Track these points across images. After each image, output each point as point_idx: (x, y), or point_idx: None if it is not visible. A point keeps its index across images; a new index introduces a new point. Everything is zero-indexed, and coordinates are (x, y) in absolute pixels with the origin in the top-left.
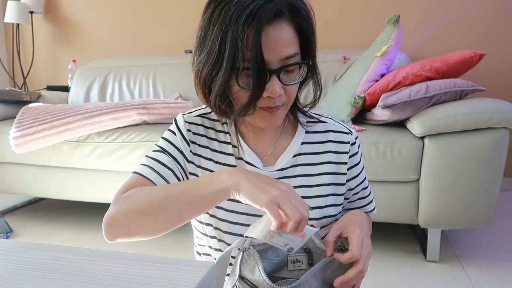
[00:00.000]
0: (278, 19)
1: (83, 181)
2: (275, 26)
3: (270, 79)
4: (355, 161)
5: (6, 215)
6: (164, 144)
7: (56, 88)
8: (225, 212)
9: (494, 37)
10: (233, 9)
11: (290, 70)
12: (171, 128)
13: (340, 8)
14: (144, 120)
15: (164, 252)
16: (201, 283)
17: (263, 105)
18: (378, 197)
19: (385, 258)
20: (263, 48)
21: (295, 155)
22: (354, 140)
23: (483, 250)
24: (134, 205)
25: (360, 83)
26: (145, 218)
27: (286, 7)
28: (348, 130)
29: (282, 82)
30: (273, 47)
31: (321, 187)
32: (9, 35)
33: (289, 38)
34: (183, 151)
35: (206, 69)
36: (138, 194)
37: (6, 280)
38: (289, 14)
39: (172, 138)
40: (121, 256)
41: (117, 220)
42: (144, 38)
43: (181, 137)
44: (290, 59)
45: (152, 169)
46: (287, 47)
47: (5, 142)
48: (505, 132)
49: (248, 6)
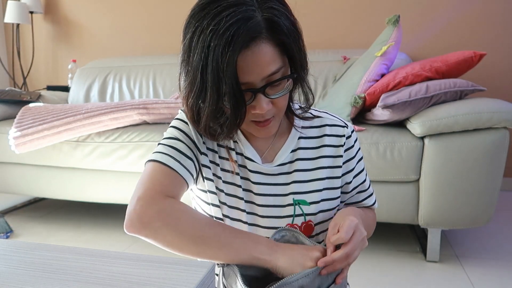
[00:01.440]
0: (255, 41)
1: (83, 181)
2: (253, 49)
3: (255, 97)
4: (351, 154)
5: (6, 215)
6: (177, 133)
7: (56, 88)
8: (227, 208)
9: (494, 37)
10: (209, 37)
11: (275, 84)
12: (180, 117)
13: (340, 8)
14: (144, 120)
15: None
16: (201, 283)
17: (253, 119)
18: (378, 197)
19: (385, 258)
20: (244, 72)
21: (293, 150)
22: (350, 133)
23: (483, 250)
24: (176, 223)
25: (360, 83)
26: (180, 240)
27: (264, 25)
28: (344, 123)
29: (269, 97)
30: (254, 70)
31: (317, 182)
32: (9, 35)
33: (270, 56)
34: (196, 142)
35: (191, 98)
36: (184, 214)
37: (6, 280)
38: (267, 33)
39: (184, 127)
40: (121, 256)
41: (152, 224)
42: (144, 38)
43: (193, 128)
44: (274, 75)
45: (173, 158)
46: (268, 65)
47: (5, 142)
48: (505, 132)
49: (223, 34)
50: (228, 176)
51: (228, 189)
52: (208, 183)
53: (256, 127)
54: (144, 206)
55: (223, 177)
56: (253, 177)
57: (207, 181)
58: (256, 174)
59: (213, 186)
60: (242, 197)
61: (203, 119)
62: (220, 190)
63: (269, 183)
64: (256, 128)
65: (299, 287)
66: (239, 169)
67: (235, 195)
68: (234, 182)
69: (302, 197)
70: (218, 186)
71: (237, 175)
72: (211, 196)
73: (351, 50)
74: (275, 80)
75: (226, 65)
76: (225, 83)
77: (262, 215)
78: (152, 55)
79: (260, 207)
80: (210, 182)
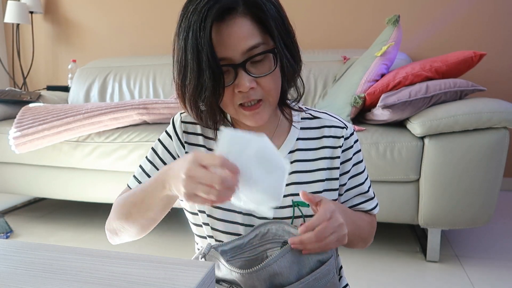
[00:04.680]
0: (231, 14)
1: (83, 181)
2: (227, 22)
3: (237, 75)
4: (348, 155)
5: (6, 215)
6: (160, 149)
7: (56, 88)
8: (222, 212)
9: (494, 37)
10: (190, 18)
11: (257, 60)
12: (168, 131)
13: (340, 8)
14: (144, 120)
15: (164, 252)
16: (201, 283)
17: (240, 102)
18: (378, 197)
19: (385, 258)
20: (220, 45)
21: (291, 151)
22: (349, 134)
23: (483, 250)
24: (112, 214)
25: (360, 83)
26: (122, 223)
27: (241, 1)
28: (344, 124)
29: (251, 75)
30: (229, 43)
31: (316, 184)
32: (9, 35)
33: (246, 30)
34: (178, 155)
35: (178, 80)
36: (116, 203)
37: (6, 280)
38: (243, 6)
39: (167, 142)
40: (121, 256)
41: (108, 227)
42: (144, 38)
43: (177, 140)
44: (254, 50)
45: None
46: (245, 39)
47: (5, 142)
48: (505, 132)
49: (201, 11)
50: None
51: None
52: None
53: (244, 112)
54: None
55: None
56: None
57: None
58: None
59: None
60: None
61: (187, 98)
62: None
63: None
64: (244, 114)
65: (273, 272)
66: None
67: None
68: None
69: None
70: None
71: None
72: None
73: (351, 50)
74: (254, 55)
75: (202, 39)
76: (204, 58)
77: (259, 217)
78: (152, 55)
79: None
80: None
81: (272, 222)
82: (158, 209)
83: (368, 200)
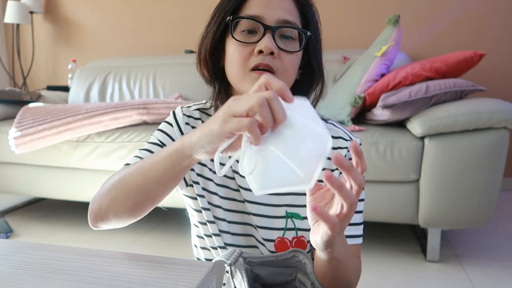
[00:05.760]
0: None
1: (83, 181)
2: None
3: (264, 35)
4: None
5: (6, 215)
6: (160, 136)
7: (56, 88)
8: (223, 211)
9: (494, 37)
10: None
11: (287, 36)
12: (168, 120)
13: (340, 8)
14: (144, 120)
15: (164, 252)
16: (201, 283)
17: (255, 63)
18: (378, 197)
19: (385, 258)
20: (261, 4)
21: None
22: None
23: (483, 250)
24: (104, 187)
25: (360, 83)
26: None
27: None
28: (349, 137)
29: (277, 44)
30: (271, 5)
31: None
32: (9, 35)
33: (288, 7)
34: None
35: (202, 38)
36: (108, 180)
37: (6, 280)
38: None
39: (168, 129)
40: (121, 256)
41: (92, 207)
42: (144, 38)
43: (178, 129)
44: (288, 25)
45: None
46: (285, 11)
47: (5, 142)
48: (505, 132)
49: None
50: (219, 179)
51: (221, 192)
52: (196, 187)
53: (254, 76)
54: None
55: (215, 180)
56: (245, 183)
57: (196, 184)
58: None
59: (200, 189)
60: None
61: (203, 52)
62: (213, 193)
63: None
64: (253, 78)
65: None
66: (233, 174)
67: (228, 197)
68: (226, 185)
69: (296, 210)
70: (207, 188)
71: (232, 179)
72: (200, 200)
73: (351, 50)
74: (286, 26)
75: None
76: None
77: (256, 225)
78: (152, 55)
79: (252, 216)
80: (197, 185)
81: (298, 251)
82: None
83: (356, 236)
